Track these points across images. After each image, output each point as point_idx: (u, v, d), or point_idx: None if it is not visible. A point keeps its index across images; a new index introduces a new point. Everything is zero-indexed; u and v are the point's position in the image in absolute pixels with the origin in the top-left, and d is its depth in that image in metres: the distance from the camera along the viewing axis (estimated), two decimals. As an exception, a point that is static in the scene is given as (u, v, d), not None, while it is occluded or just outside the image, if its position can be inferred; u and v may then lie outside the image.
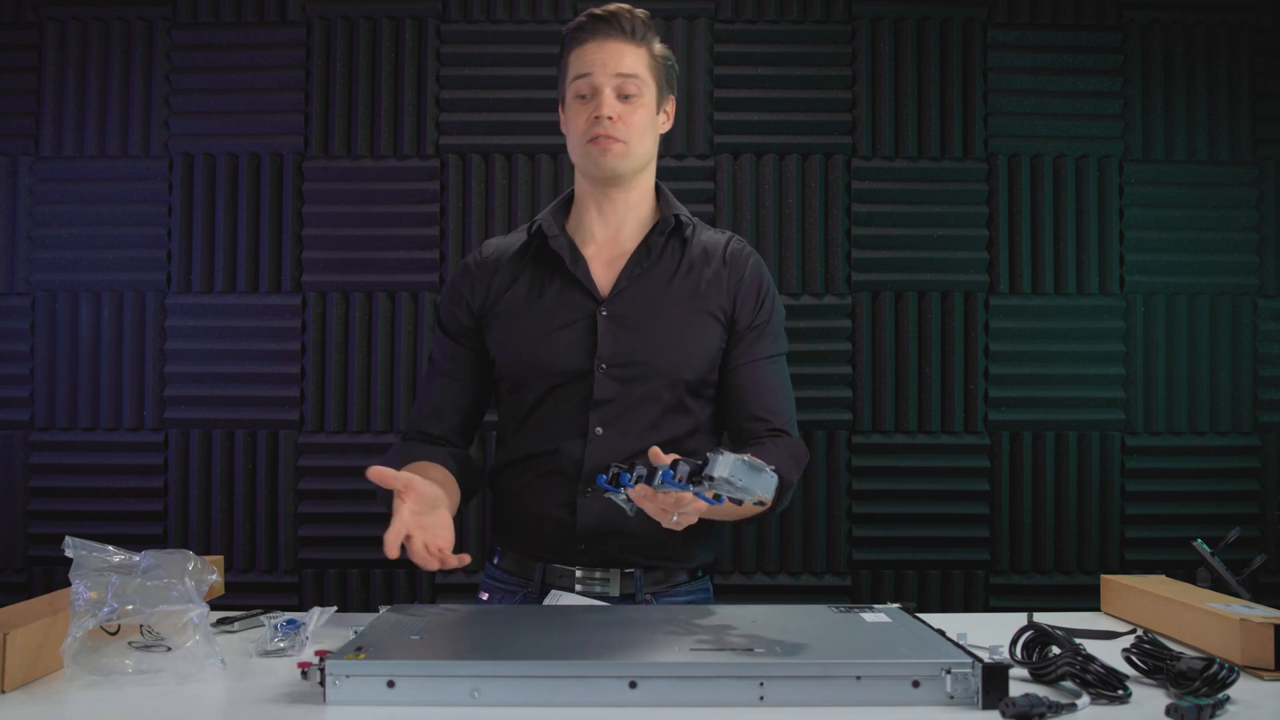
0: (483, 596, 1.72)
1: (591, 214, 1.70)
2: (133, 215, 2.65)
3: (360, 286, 2.63)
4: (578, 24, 1.65)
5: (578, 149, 1.65)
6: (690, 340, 1.65)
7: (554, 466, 1.63)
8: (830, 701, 1.10)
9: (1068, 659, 1.16)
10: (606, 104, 1.61)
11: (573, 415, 1.63)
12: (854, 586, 2.62)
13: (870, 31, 2.67)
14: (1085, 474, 2.63)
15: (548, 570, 1.64)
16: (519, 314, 1.67)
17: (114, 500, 2.61)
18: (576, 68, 1.63)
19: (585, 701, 1.10)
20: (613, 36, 1.62)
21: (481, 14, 2.66)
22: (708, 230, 1.76)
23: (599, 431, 1.62)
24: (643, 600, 1.63)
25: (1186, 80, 2.67)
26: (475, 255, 1.75)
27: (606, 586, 1.62)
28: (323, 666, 1.11)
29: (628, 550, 1.62)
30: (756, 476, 1.21)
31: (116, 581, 1.22)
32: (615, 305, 1.64)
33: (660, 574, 1.65)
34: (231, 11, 2.65)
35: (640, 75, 1.63)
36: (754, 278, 1.71)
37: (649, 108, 1.65)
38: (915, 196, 2.65)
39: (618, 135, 1.61)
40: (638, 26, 1.64)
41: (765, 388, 1.67)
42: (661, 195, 1.74)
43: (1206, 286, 2.66)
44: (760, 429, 1.66)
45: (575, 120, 1.64)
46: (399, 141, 2.65)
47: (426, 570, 1.47)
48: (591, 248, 1.70)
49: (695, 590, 1.70)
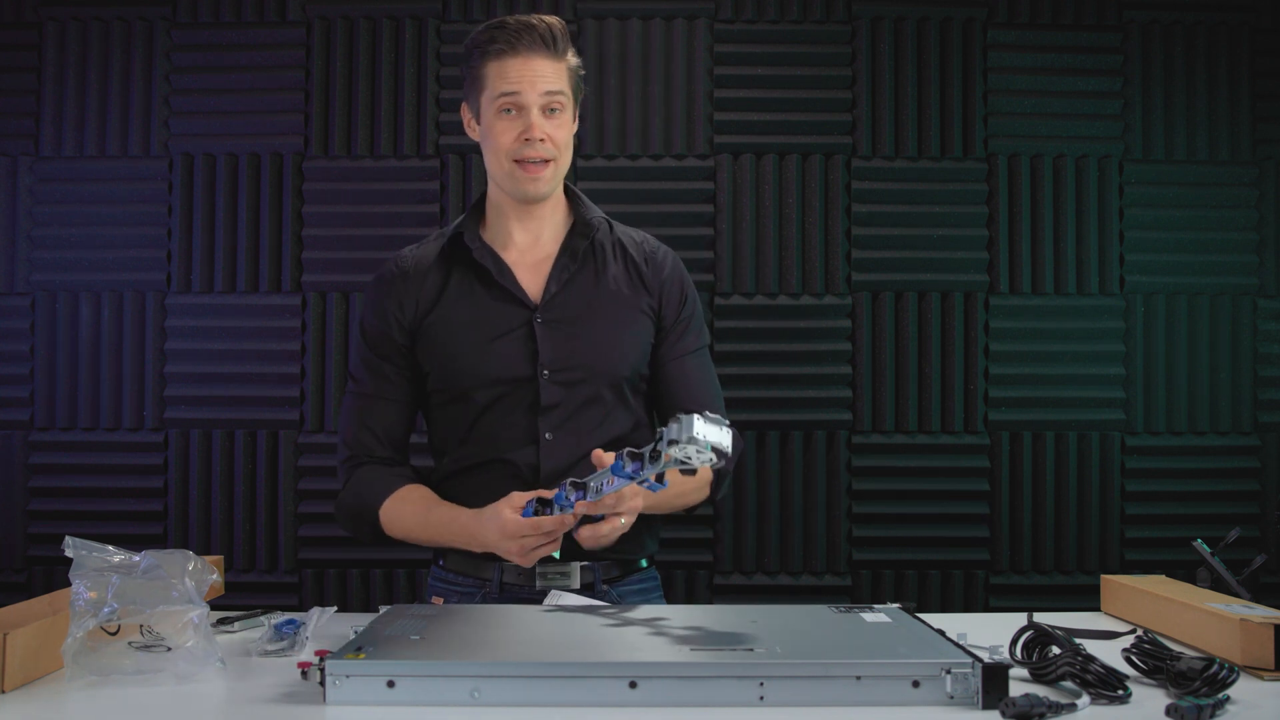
0: (435, 600, 1.70)
1: (510, 221, 1.72)
2: (133, 215, 2.65)
3: (360, 286, 2.63)
4: (492, 35, 1.62)
5: (502, 165, 1.65)
6: (626, 339, 1.69)
7: (508, 473, 1.65)
8: (830, 701, 1.10)
9: (1068, 659, 1.16)
10: (537, 125, 1.61)
11: (520, 423, 1.65)
12: (854, 586, 2.62)
13: (870, 31, 2.67)
14: (1085, 474, 2.63)
15: (505, 569, 1.66)
16: (452, 326, 1.68)
17: (114, 500, 2.61)
18: (499, 83, 1.62)
19: (585, 701, 1.10)
20: (537, 52, 1.61)
21: (481, 14, 2.66)
22: (621, 227, 1.79)
23: (548, 437, 1.65)
24: (600, 591, 1.66)
25: (1186, 80, 2.67)
26: (393, 267, 1.74)
27: (566, 579, 1.65)
28: (323, 666, 1.11)
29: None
30: (720, 430, 1.24)
31: (116, 581, 1.22)
32: (550, 311, 1.67)
33: (611, 564, 1.69)
34: (231, 11, 2.65)
35: (564, 90, 1.64)
36: (674, 276, 1.76)
37: (569, 121, 1.68)
38: (915, 196, 2.65)
39: (546, 155, 1.64)
40: (559, 39, 1.64)
41: (694, 380, 1.74)
42: (573, 197, 1.76)
43: (1206, 286, 2.66)
44: None
45: (499, 136, 1.64)
46: (399, 141, 2.65)
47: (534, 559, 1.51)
48: (513, 253, 1.72)
49: (647, 578, 1.76)
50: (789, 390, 2.62)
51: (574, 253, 1.70)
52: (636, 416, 1.73)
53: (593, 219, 1.72)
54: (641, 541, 1.72)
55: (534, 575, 1.65)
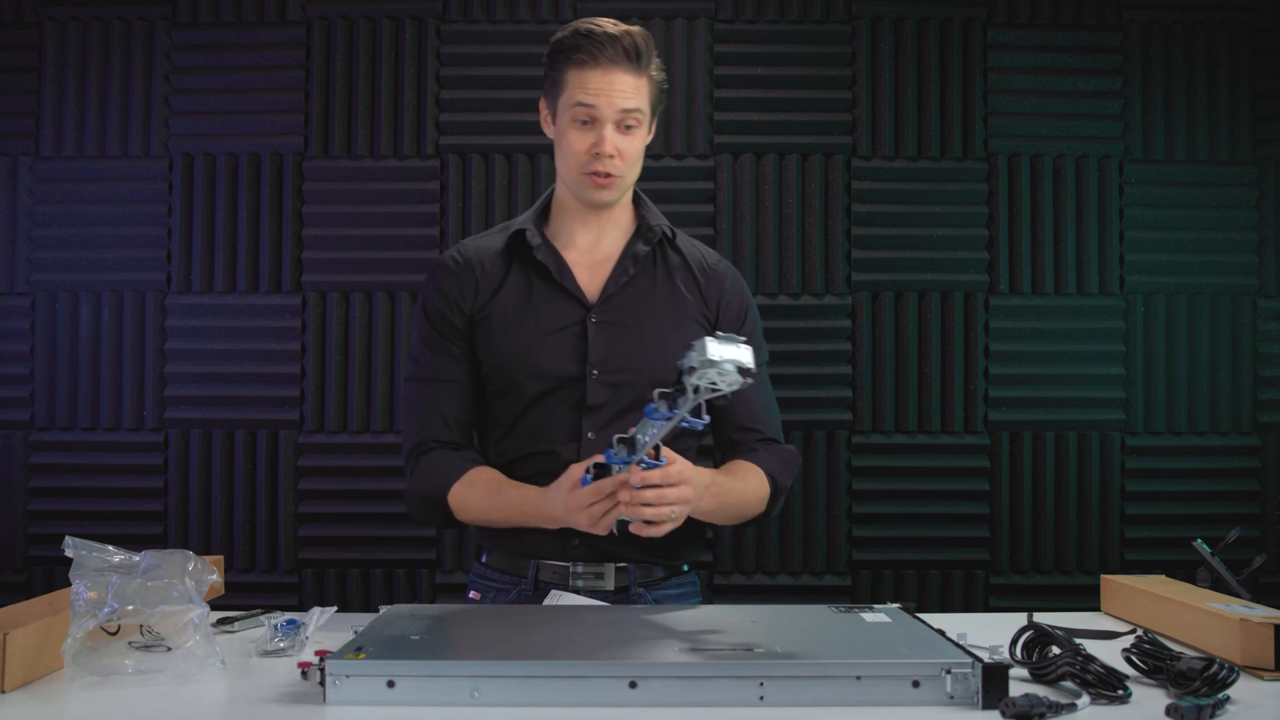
0: (473, 595, 1.73)
1: (575, 222, 1.73)
2: (133, 215, 2.65)
3: (360, 286, 2.63)
4: (577, 42, 1.60)
5: (572, 172, 1.66)
6: (676, 344, 1.66)
7: (547, 468, 1.64)
8: (830, 701, 1.10)
9: (1068, 659, 1.16)
10: (608, 141, 1.61)
11: (565, 419, 1.65)
12: (854, 586, 2.62)
13: (870, 31, 2.67)
14: (1085, 474, 2.63)
15: (541, 566, 1.66)
16: (509, 318, 1.68)
17: (114, 500, 2.61)
18: (578, 93, 1.61)
19: (585, 701, 1.10)
20: (618, 65, 1.60)
21: (481, 14, 2.66)
22: (684, 237, 1.79)
23: (591, 436, 1.65)
24: (635, 594, 1.66)
25: (1186, 80, 2.67)
26: (454, 256, 1.74)
27: (600, 581, 1.65)
28: (323, 666, 1.11)
29: (620, 544, 1.63)
30: (736, 348, 1.20)
31: (116, 582, 1.22)
32: (604, 312, 1.67)
33: (648, 568, 1.69)
34: (231, 11, 2.65)
35: (641, 108, 1.63)
36: (734, 291, 1.76)
37: (644, 135, 1.68)
38: (915, 196, 2.65)
39: (615, 171, 1.63)
40: (642, 51, 1.61)
41: (753, 400, 1.71)
42: (641, 202, 1.77)
43: (1206, 286, 2.66)
44: (751, 439, 1.72)
45: (573, 144, 1.64)
46: (399, 141, 2.65)
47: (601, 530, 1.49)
48: (574, 253, 1.72)
49: (685, 584, 1.75)
50: (789, 390, 2.61)
51: (635, 257, 1.70)
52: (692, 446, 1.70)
53: (656, 225, 1.72)
54: (685, 545, 1.71)
55: (568, 574, 1.65)
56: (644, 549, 1.64)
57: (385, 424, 2.61)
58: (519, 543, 1.67)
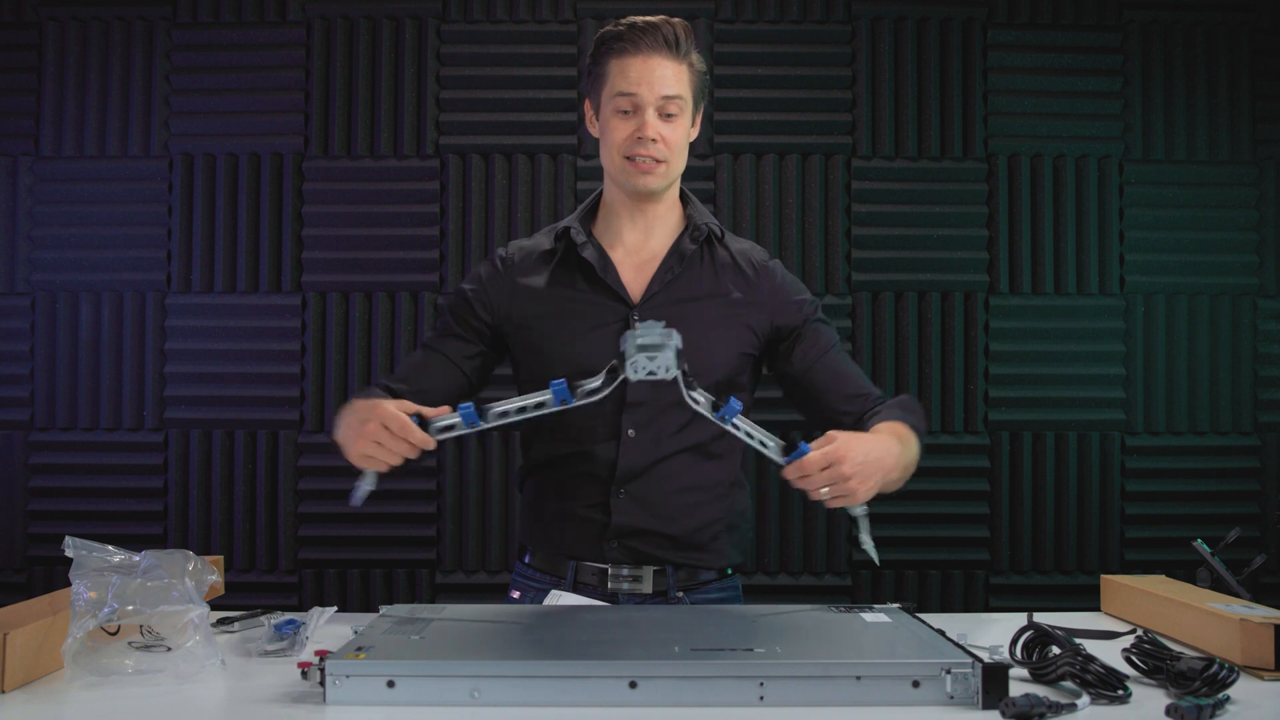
0: (514, 595, 1.73)
1: (623, 220, 1.71)
2: (133, 215, 2.65)
3: (360, 286, 2.63)
4: (618, 33, 1.62)
5: (615, 161, 1.65)
6: (718, 342, 1.67)
7: (586, 468, 1.64)
8: (830, 701, 1.10)
9: (1068, 659, 1.16)
10: (650, 125, 1.61)
11: (604, 418, 1.63)
12: (854, 586, 2.62)
13: (870, 31, 2.67)
14: (1085, 474, 2.63)
15: (580, 568, 1.65)
16: (550, 317, 1.67)
17: (114, 500, 2.61)
18: (619, 82, 1.61)
19: (585, 701, 1.09)
20: (658, 52, 1.60)
21: (481, 14, 2.66)
22: (731, 236, 1.77)
23: (631, 434, 1.63)
24: (674, 597, 1.64)
25: (1186, 80, 2.67)
26: (501, 255, 1.74)
27: (638, 584, 1.64)
28: (323, 666, 1.11)
29: (659, 547, 1.63)
30: (655, 330, 1.30)
31: (117, 582, 1.22)
32: (648, 310, 1.65)
33: (689, 571, 1.67)
34: (231, 11, 2.65)
35: (682, 95, 1.63)
36: (785, 282, 1.74)
37: (687, 125, 1.67)
38: (915, 196, 2.65)
39: (658, 156, 1.62)
40: (681, 40, 1.62)
41: (847, 371, 1.72)
42: (689, 202, 1.76)
43: (1206, 286, 2.66)
44: (863, 406, 1.69)
45: (614, 133, 1.63)
46: (399, 141, 2.65)
47: (389, 458, 1.42)
48: (619, 251, 1.71)
49: (725, 588, 1.72)
50: (789, 390, 2.61)
51: (681, 255, 1.69)
52: (734, 446, 1.69)
53: (703, 223, 1.71)
54: (721, 547, 1.69)
55: (606, 577, 1.64)
56: (681, 550, 1.64)
57: (385, 424, 2.60)
58: (559, 543, 1.67)
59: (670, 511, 1.62)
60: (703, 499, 1.65)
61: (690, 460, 1.64)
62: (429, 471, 2.60)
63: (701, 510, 1.65)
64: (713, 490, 1.67)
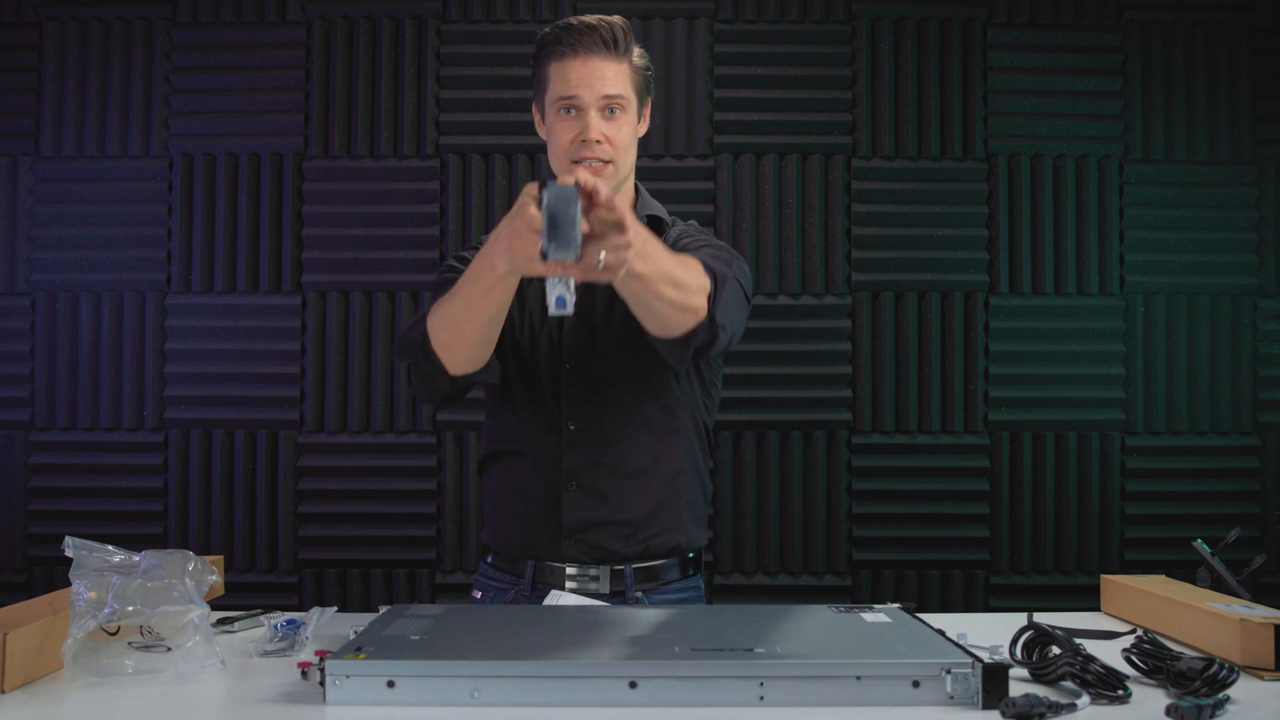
0: (476, 595, 1.74)
1: None
2: (133, 215, 2.65)
3: (360, 286, 2.63)
4: (556, 35, 1.62)
5: (563, 165, 1.65)
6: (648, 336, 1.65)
7: (532, 463, 1.65)
8: (830, 701, 1.10)
9: (1068, 659, 1.16)
10: (593, 127, 1.60)
11: (545, 412, 1.65)
12: (854, 586, 2.62)
13: (870, 31, 2.67)
14: (1085, 474, 2.63)
15: (538, 567, 1.66)
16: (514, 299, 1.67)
17: (114, 500, 2.61)
18: (560, 86, 1.62)
19: (585, 701, 1.09)
20: (596, 53, 1.60)
21: (481, 14, 2.66)
22: (685, 227, 1.76)
23: (572, 428, 1.64)
24: (633, 599, 1.64)
25: (1186, 80, 2.67)
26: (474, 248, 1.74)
27: (597, 584, 1.64)
28: (323, 666, 1.11)
29: (614, 538, 1.63)
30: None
31: (117, 582, 1.22)
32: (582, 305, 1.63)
33: (650, 571, 1.66)
34: (231, 11, 2.65)
35: (624, 94, 1.63)
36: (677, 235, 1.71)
37: (632, 121, 1.66)
38: (915, 196, 2.65)
39: (604, 156, 1.62)
40: (619, 38, 1.62)
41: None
42: (639, 195, 1.76)
43: (1206, 286, 2.66)
44: None
45: (559, 137, 1.64)
46: (399, 141, 2.65)
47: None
48: None
49: (687, 589, 1.71)
50: (789, 390, 2.62)
51: None
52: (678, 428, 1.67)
53: (643, 214, 1.69)
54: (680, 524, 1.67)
55: (563, 575, 1.64)
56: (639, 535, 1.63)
57: (385, 424, 2.61)
58: (517, 542, 1.68)
59: (622, 498, 1.62)
60: (654, 482, 1.65)
61: (637, 446, 1.64)
62: (429, 471, 2.60)
63: (653, 493, 1.64)
64: (663, 473, 1.65)
